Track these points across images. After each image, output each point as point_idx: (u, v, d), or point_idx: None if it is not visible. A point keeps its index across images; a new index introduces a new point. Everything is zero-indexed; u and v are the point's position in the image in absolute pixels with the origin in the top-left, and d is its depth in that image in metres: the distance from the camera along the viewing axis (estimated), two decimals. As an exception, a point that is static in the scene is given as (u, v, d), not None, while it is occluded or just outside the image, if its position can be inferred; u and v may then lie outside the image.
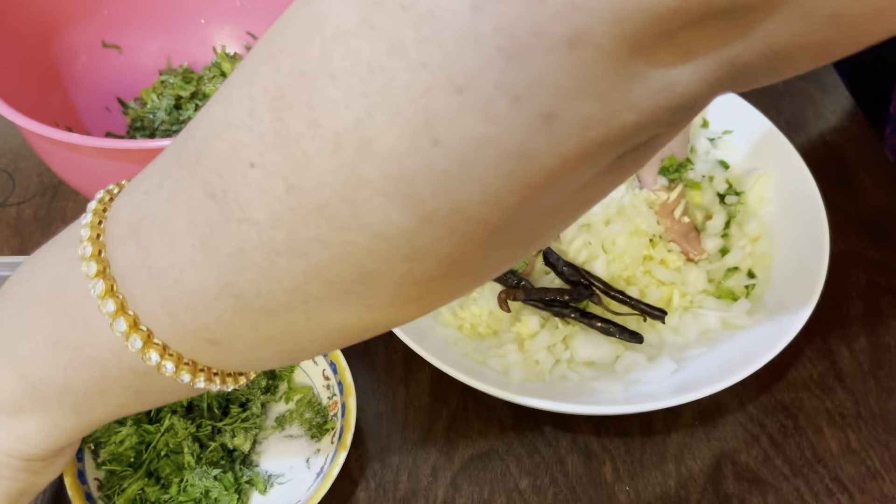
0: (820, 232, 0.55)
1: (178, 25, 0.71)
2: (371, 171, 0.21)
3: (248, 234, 0.23)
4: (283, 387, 0.54)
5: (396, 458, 0.52)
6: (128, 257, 0.26)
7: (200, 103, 0.63)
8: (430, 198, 0.21)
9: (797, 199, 0.59)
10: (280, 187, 0.22)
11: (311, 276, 0.23)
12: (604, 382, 0.51)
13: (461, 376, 0.48)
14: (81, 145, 0.49)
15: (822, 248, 0.54)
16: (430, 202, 0.21)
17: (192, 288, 0.25)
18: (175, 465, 0.47)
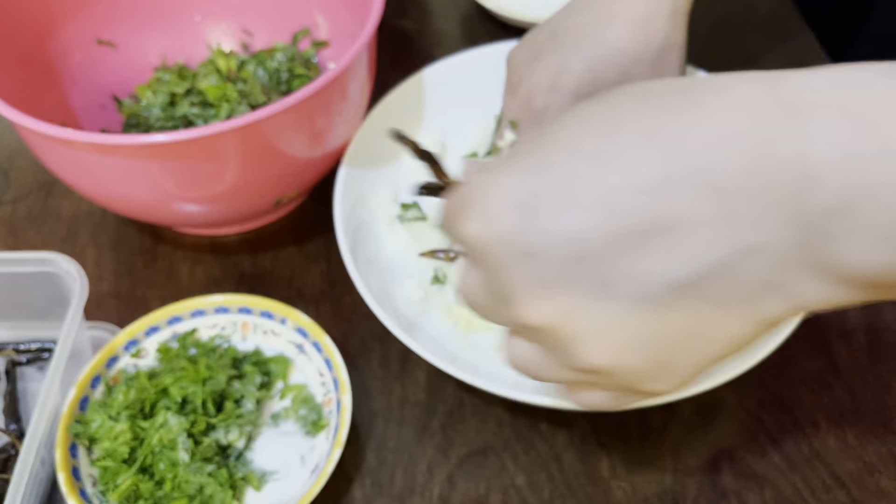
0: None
1: (174, 22, 0.71)
2: None
3: None
4: (278, 384, 0.54)
5: (392, 455, 0.52)
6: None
7: (195, 100, 0.62)
8: None
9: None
10: None
11: None
12: (600, 378, 0.51)
13: (457, 373, 0.47)
14: (76, 141, 0.49)
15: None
16: None
17: None
18: (169, 462, 0.47)
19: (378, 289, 0.53)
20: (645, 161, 0.26)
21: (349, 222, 0.56)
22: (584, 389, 0.33)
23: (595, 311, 0.28)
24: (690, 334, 0.28)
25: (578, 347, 0.29)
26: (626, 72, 0.50)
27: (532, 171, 0.28)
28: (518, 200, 0.28)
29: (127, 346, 0.53)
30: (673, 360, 0.29)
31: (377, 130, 0.62)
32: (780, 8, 0.84)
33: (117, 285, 0.61)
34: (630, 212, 0.26)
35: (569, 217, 0.27)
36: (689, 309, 0.27)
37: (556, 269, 0.27)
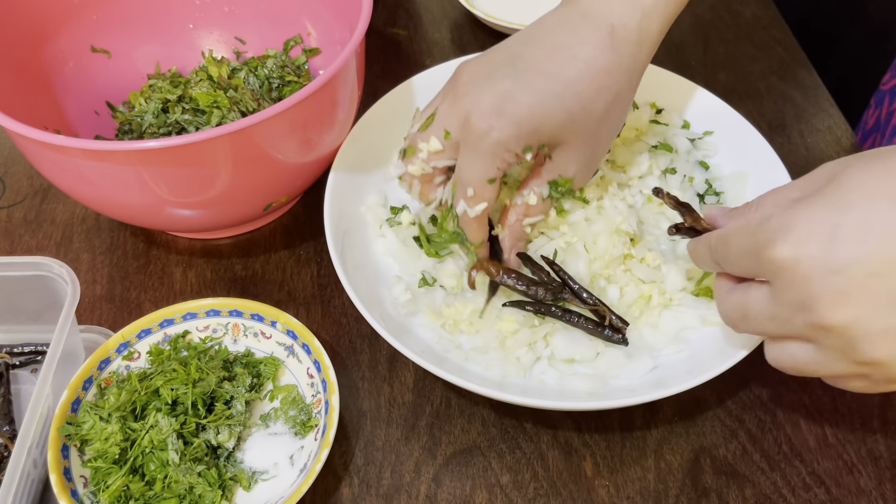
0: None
1: (167, 30, 0.72)
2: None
3: None
4: (268, 385, 0.54)
5: (380, 454, 0.53)
6: None
7: (187, 106, 0.63)
8: None
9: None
10: None
11: None
12: (583, 379, 0.52)
13: (443, 374, 0.48)
14: (69, 147, 0.50)
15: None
16: None
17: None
18: (159, 462, 0.48)
19: (367, 292, 0.54)
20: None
21: (338, 227, 0.57)
22: (849, 380, 0.41)
23: (884, 316, 0.36)
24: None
25: (865, 345, 0.37)
26: (571, 115, 0.49)
27: (832, 207, 0.37)
28: (824, 230, 0.37)
29: (119, 348, 0.54)
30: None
31: (367, 136, 0.63)
32: (764, 15, 0.86)
33: (111, 289, 0.62)
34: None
35: (869, 243, 0.36)
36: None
37: (855, 283, 0.36)
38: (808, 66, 0.80)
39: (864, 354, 0.38)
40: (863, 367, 0.39)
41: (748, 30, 0.84)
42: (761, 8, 0.86)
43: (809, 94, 0.77)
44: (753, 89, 0.77)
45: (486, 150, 0.49)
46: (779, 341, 0.42)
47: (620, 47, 0.49)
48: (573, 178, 0.53)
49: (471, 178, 0.51)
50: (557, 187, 0.53)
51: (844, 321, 0.37)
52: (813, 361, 0.41)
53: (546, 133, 0.50)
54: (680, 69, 0.67)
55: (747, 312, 0.43)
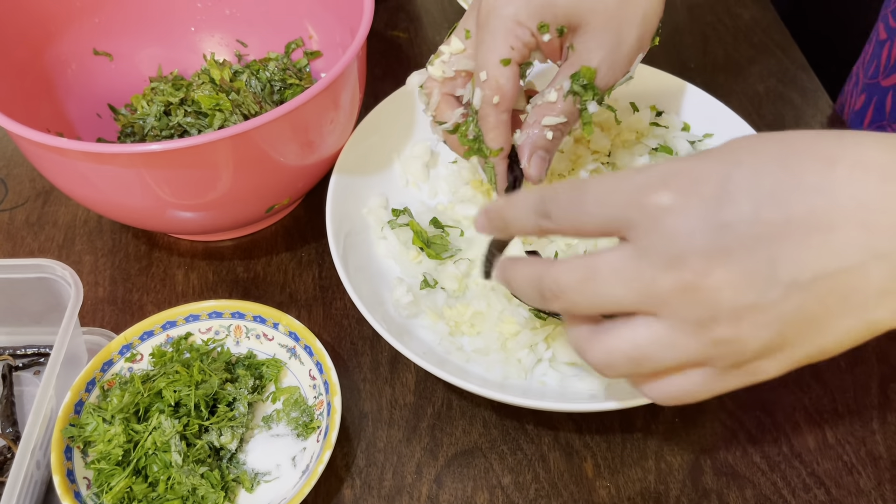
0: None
1: (169, 33, 0.72)
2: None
3: None
4: (270, 387, 0.55)
5: (381, 455, 0.53)
6: None
7: (189, 109, 0.64)
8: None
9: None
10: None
11: None
12: (585, 381, 0.52)
13: (445, 375, 0.49)
14: (71, 150, 0.50)
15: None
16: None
17: None
18: (162, 464, 0.48)
19: (369, 294, 0.55)
20: (815, 170, 0.33)
21: (340, 229, 0.57)
22: (686, 373, 0.37)
23: (758, 289, 0.33)
24: (814, 322, 0.34)
25: (731, 317, 0.33)
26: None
27: (721, 161, 0.34)
28: (712, 181, 0.33)
29: (122, 350, 0.54)
30: (790, 343, 0.34)
31: (368, 139, 0.63)
32: (763, 17, 0.86)
33: (113, 291, 0.62)
34: (804, 205, 0.32)
35: (760, 201, 0.32)
36: (821, 300, 0.33)
37: (738, 242, 0.32)
38: (806, 68, 0.80)
39: (724, 329, 0.33)
40: (715, 347, 0.34)
41: (747, 32, 0.84)
42: (760, 10, 0.87)
43: (808, 97, 0.77)
44: (752, 91, 0.78)
45: (498, 26, 0.46)
46: (614, 329, 0.36)
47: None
48: (597, 70, 0.48)
49: (484, 59, 0.47)
50: (579, 79, 0.48)
51: (719, 284, 0.33)
52: (658, 342, 0.35)
53: (561, 9, 0.46)
54: (679, 71, 0.67)
55: (594, 271, 0.35)
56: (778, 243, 0.32)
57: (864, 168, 0.33)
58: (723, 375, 0.36)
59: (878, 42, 0.77)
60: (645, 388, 0.38)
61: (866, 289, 0.33)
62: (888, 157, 0.33)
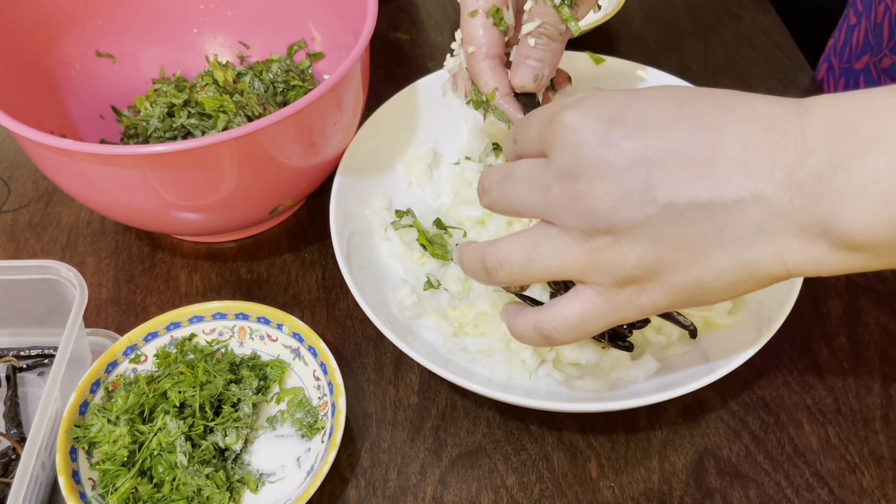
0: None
1: (172, 35, 0.72)
2: None
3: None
4: (275, 388, 0.55)
5: (386, 456, 0.53)
6: None
7: (193, 110, 0.64)
8: None
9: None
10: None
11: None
12: (588, 381, 0.53)
13: (449, 376, 0.49)
14: (75, 151, 0.50)
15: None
16: None
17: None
18: (168, 464, 0.48)
19: (372, 295, 0.55)
20: (708, 112, 0.36)
21: (344, 230, 0.58)
22: (575, 292, 0.40)
23: (634, 202, 0.36)
24: (690, 248, 0.36)
25: (606, 225, 0.37)
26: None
27: (628, 94, 0.38)
28: (613, 107, 0.37)
29: (126, 351, 0.54)
30: (667, 266, 0.37)
31: (372, 140, 0.63)
32: (763, 19, 0.86)
33: (116, 292, 0.62)
34: (689, 139, 0.35)
35: (648, 129, 0.36)
36: (697, 228, 0.36)
37: (623, 160, 0.36)
38: (807, 69, 0.80)
39: (602, 239, 0.37)
40: (595, 254, 0.38)
41: (748, 33, 0.85)
42: (760, 12, 0.87)
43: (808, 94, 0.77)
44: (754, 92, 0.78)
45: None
46: (516, 234, 0.41)
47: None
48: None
49: (461, 17, 0.51)
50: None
51: (599, 195, 0.36)
52: (548, 240, 0.39)
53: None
54: (681, 73, 0.68)
55: (512, 173, 0.41)
56: (659, 167, 0.35)
57: (754, 116, 0.35)
58: (611, 296, 0.39)
59: (850, 27, 0.79)
60: (541, 320, 0.41)
61: (741, 224, 0.35)
62: (779, 109, 0.36)
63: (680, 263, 0.37)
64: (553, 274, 0.40)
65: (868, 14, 0.75)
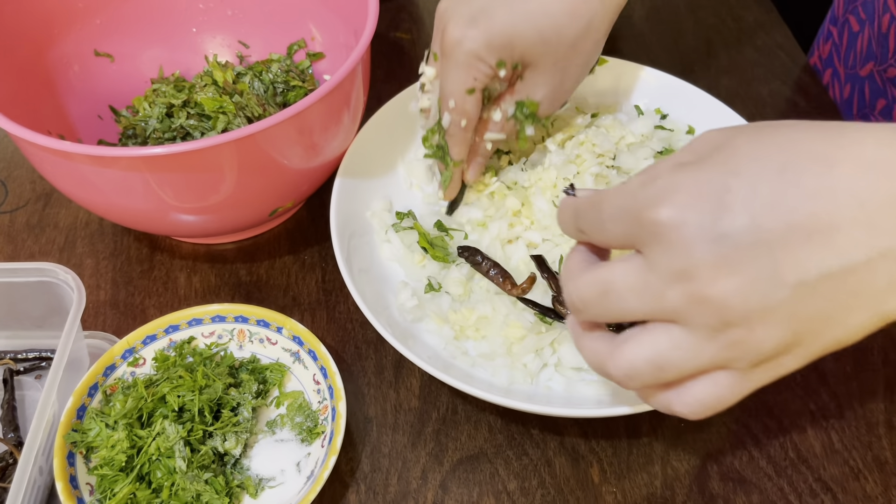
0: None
1: (171, 34, 0.72)
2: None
3: None
4: (274, 392, 0.54)
5: (386, 460, 0.53)
6: None
7: (192, 111, 0.63)
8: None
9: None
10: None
11: None
12: (591, 386, 0.52)
13: (450, 380, 0.48)
14: (73, 153, 0.49)
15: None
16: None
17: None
18: (166, 470, 0.48)
19: (373, 297, 0.54)
20: (814, 174, 0.33)
21: (344, 232, 0.57)
22: (707, 379, 0.37)
23: (764, 290, 0.33)
24: (826, 317, 0.35)
25: (739, 319, 0.34)
26: (543, 36, 0.51)
27: (720, 171, 0.34)
28: (711, 193, 0.34)
29: (124, 354, 0.54)
30: (806, 339, 0.36)
31: (372, 141, 0.63)
32: (766, 20, 0.86)
33: (114, 294, 0.62)
34: (803, 210, 0.33)
35: (758, 210, 0.33)
36: (831, 297, 0.34)
37: (740, 251, 0.33)
38: (810, 71, 0.80)
39: (738, 332, 0.34)
40: (732, 349, 0.35)
41: (751, 34, 0.84)
42: (763, 12, 0.86)
43: (813, 98, 0.77)
44: (756, 94, 0.78)
45: (461, 60, 0.52)
46: (637, 336, 0.37)
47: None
48: (539, 103, 0.56)
49: (451, 89, 0.53)
50: (523, 108, 0.55)
51: (725, 292, 0.34)
52: (678, 346, 0.36)
53: (518, 50, 0.52)
54: (683, 74, 0.67)
55: (610, 286, 0.37)
56: (780, 248, 0.33)
57: (864, 167, 0.33)
58: (746, 375, 0.37)
59: (852, 33, 0.78)
60: (673, 400, 0.38)
61: (874, 284, 0.34)
62: (888, 154, 0.33)
63: (817, 334, 0.35)
64: (688, 373, 0.37)
65: (871, 22, 0.75)
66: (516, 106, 0.56)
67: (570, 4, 0.51)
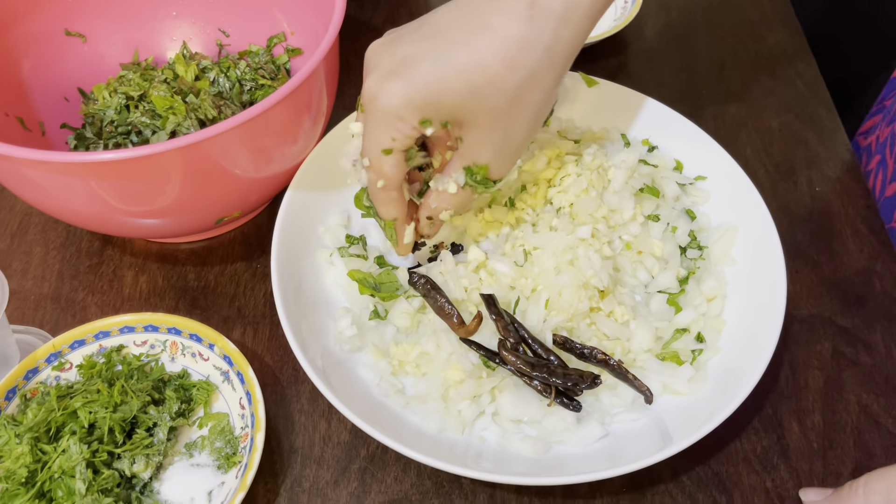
0: (777, 301, 0.51)
1: (149, 17, 0.69)
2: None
3: None
4: (199, 411, 0.52)
5: (305, 496, 0.50)
6: None
7: (147, 107, 0.60)
8: None
9: (762, 259, 0.55)
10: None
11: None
12: (526, 442, 0.49)
13: (372, 431, 0.45)
14: (11, 156, 0.46)
15: (776, 319, 0.50)
16: None
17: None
18: (67, 490, 0.46)
19: (310, 322, 0.52)
20: None
21: (288, 247, 0.54)
22: None
23: None
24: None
25: None
26: (475, 90, 0.44)
27: None
28: None
29: (49, 358, 0.52)
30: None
31: (334, 151, 0.59)
32: (789, 44, 0.79)
33: (58, 287, 0.60)
34: None
35: None
36: None
37: None
38: (829, 106, 0.74)
39: None
40: None
41: (769, 59, 0.78)
42: (788, 36, 0.80)
43: (826, 137, 0.71)
44: (765, 126, 0.72)
45: (377, 117, 0.46)
46: None
47: (541, 20, 0.44)
48: (488, 166, 0.49)
49: (367, 146, 0.48)
50: (473, 175, 0.49)
51: None
52: None
53: (447, 107, 0.45)
54: (689, 97, 0.62)
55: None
56: None
57: None
58: None
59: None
60: None
61: None
62: None
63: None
64: None
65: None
66: (465, 173, 0.49)
67: (507, 53, 0.44)
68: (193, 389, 0.52)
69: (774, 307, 0.51)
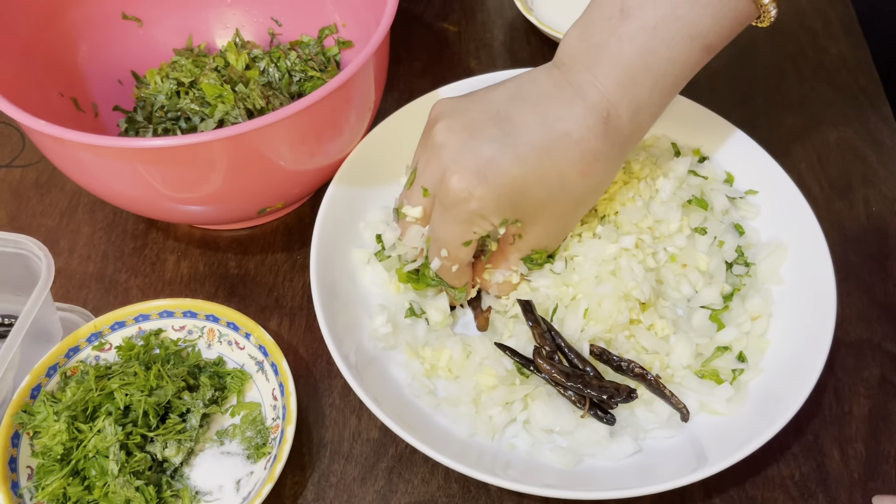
0: (825, 324, 0.50)
1: (204, 3, 0.69)
2: None
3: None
4: (232, 399, 0.52)
5: (332, 492, 0.50)
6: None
7: (198, 93, 0.61)
8: None
9: (812, 279, 0.53)
10: None
11: None
12: (556, 452, 0.48)
13: (402, 432, 0.45)
14: (63, 139, 0.47)
15: (824, 343, 0.49)
16: None
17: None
18: (101, 469, 0.46)
19: (346, 318, 0.52)
20: None
21: (329, 242, 0.54)
22: None
23: None
24: None
25: None
26: (551, 194, 0.47)
27: None
28: None
29: (90, 338, 0.53)
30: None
31: (380, 147, 0.59)
32: (852, 56, 0.77)
33: (103, 267, 0.61)
34: None
35: None
36: None
37: None
38: (890, 121, 0.71)
39: None
40: None
41: (830, 70, 0.76)
42: (850, 47, 0.77)
43: (886, 154, 0.69)
44: (822, 140, 0.70)
45: (463, 216, 0.48)
46: None
47: (613, 136, 0.47)
48: (546, 248, 0.53)
49: (446, 239, 0.50)
50: (532, 261, 0.53)
51: None
52: None
53: (522, 209, 0.48)
54: (744, 106, 0.61)
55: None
56: None
57: None
58: None
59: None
60: None
61: None
62: None
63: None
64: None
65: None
66: (526, 262, 0.52)
67: (583, 164, 0.47)
68: (228, 377, 0.53)
69: (822, 330, 0.50)
